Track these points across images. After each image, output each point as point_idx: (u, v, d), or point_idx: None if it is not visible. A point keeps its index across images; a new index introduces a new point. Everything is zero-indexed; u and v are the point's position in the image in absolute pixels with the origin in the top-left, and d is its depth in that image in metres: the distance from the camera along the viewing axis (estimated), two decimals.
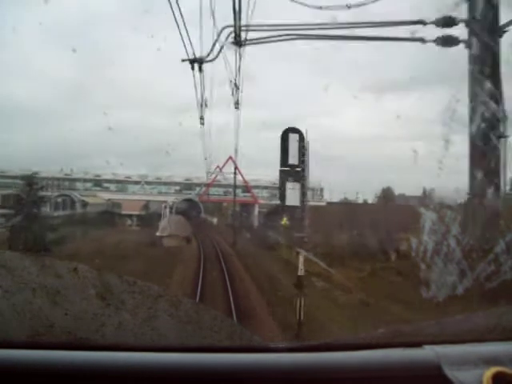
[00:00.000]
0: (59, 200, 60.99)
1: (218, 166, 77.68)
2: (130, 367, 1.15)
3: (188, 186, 75.10)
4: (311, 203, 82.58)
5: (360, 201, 65.20)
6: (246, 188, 75.67)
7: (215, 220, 68.64)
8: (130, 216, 65.03)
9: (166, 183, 76.50)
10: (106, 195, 69.83)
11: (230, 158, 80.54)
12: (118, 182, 74.72)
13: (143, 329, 1.44)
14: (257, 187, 75.81)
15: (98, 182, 73.48)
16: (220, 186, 77.47)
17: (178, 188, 77.05)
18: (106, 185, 73.93)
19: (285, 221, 58.05)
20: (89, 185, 73.99)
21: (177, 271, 20.43)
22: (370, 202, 54.37)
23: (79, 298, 1.55)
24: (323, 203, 73.99)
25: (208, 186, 65.03)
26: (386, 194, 48.76)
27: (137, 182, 75.11)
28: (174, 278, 18.34)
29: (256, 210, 75.17)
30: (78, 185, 72.40)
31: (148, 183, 75.63)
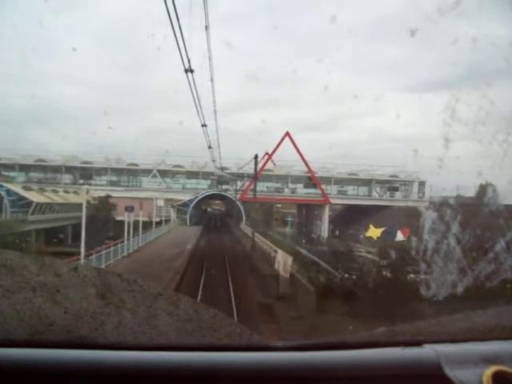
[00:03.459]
0: None
1: (266, 153, 51.77)
2: (129, 365, 1.14)
3: (223, 179, 51.26)
4: (409, 203, 52.54)
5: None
6: (312, 181, 51.24)
7: (285, 260, 20.24)
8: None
9: (191, 173, 52.75)
10: (101, 191, 46.25)
11: (288, 134, 53.16)
12: (115, 171, 51.41)
13: (143, 327, 1.43)
14: (327, 180, 51.35)
15: (87, 173, 50.24)
16: (271, 178, 53.37)
17: (208, 183, 53.33)
18: (105, 178, 50.71)
19: (374, 232, 36.64)
20: (69, 176, 50.69)
21: None
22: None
23: (79, 296, 1.52)
24: (425, 203, 48.78)
25: (255, 178, 37.44)
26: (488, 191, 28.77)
27: (147, 172, 51.64)
28: None
29: (326, 214, 50.71)
30: (62, 177, 49.42)
31: (162, 173, 51.90)
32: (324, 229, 48.72)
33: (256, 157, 29.37)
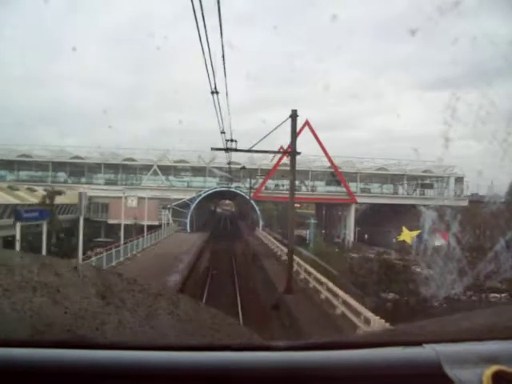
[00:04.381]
0: None
1: (281, 147, 45.29)
2: (129, 365, 1.14)
3: (231, 174, 45.28)
4: (445, 202, 44.83)
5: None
6: (336, 178, 45.25)
7: None
8: (118, 229, 30.54)
9: (197, 170, 46.89)
10: (93, 191, 40.52)
11: (307, 123, 46.73)
12: (110, 167, 45.68)
13: (143, 327, 1.42)
14: (352, 176, 45.32)
15: (78, 169, 44.57)
16: (288, 174, 47.37)
17: (217, 180, 47.46)
18: (98, 176, 45.06)
19: (408, 236, 30.01)
20: (59, 173, 45.12)
21: None
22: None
23: (79, 296, 1.51)
24: (463, 201, 42.76)
25: (292, 145, 29.78)
26: None
27: (146, 169, 45.83)
28: None
29: (352, 215, 44.65)
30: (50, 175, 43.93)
31: (163, 169, 45.98)
32: (350, 232, 42.68)
33: (295, 114, 17.75)
